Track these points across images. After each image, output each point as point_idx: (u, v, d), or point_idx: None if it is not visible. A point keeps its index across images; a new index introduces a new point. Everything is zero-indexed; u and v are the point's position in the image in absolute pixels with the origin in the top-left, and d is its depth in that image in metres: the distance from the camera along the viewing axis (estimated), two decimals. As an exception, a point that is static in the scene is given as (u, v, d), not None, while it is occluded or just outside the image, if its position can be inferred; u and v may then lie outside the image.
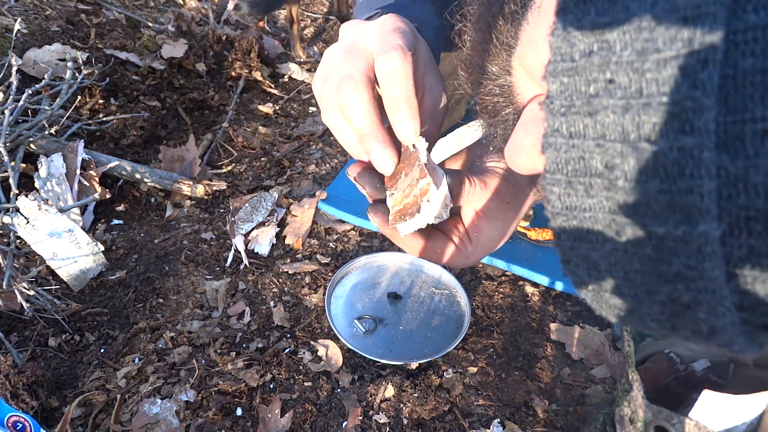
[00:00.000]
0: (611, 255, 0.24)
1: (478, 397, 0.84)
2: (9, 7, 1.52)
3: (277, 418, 0.80)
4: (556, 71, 0.24)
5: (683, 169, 0.20)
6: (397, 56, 0.41)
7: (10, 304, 0.95)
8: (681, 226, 0.21)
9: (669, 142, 0.20)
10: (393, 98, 0.42)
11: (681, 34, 0.20)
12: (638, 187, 0.21)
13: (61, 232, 0.96)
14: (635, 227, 0.22)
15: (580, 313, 1.00)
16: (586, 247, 0.25)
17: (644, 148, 0.21)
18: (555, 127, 0.24)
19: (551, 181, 0.25)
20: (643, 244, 0.22)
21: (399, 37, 0.42)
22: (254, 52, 1.70)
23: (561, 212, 0.25)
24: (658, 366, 0.68)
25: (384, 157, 0.43)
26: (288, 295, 1.01)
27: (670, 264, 0.22)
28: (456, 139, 1.31)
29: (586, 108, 0.23)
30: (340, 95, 0.42)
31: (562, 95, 0.23)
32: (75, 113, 1.31)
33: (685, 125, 0.20)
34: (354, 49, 0.43)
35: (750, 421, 0.55)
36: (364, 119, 0.42)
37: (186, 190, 1.23)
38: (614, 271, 0.24)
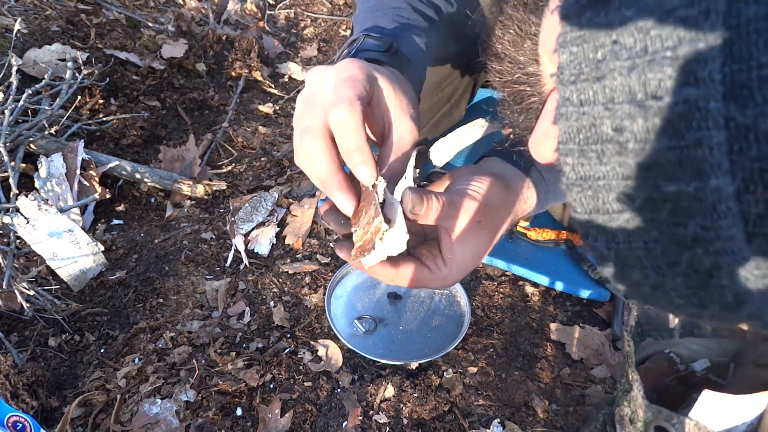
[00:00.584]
0: (628, 224, 0.23)
1: (478, 397, 0.84)
2: (9, 7, 1.52)
3: (277, 418, 0.80)
4: (565, 42, 0.24)
5: (690, 122, 0.19)
6: (344, 108, 0.43)
7: (10, 304, 0.95)
8: (693, 183, 0.20)
9: (675, 97, 0.20)
10: (345, 148, 0.45)
11: None
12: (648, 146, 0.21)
13: (61, 232, 0.96)
14: (649, 190, 0.22)
15: (580, 313, 1.00)
16: (603, 217, 0.24)
17: (651, 105, 0.20)
18: (566, 96, 0.24)
19: (564, 151, 0.24)
20: (658, 208, 0.22)
21: (349, 87, 0.45)
22: (254, 52, 1.70)
23: (576, 183, 0.25)
24: (658, 366, 0.68)
25: (341, 200, 0.47)
26: (288, 295, 1.01)
27: (686, 227, 0.21)
28: (456, 139, 1.31)
29: (594, 74, 0.22)
30: (302, 146, 0.46)
31: (571, 64, 0.23)
32: (75, 113, 1.31)
33: (689, 77, 0.19)
34: (312, 100, 0.47)
35: (750, 421, 0.55)
36: (322, 167, 0.46)
37: (186, 190, 1.23)
38: (633, 242, 0.24)
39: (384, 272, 0.50)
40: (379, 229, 0.42)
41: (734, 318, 0.23)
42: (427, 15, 0.71)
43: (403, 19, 0.66)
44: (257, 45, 1.73)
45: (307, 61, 1.90)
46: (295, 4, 2.21)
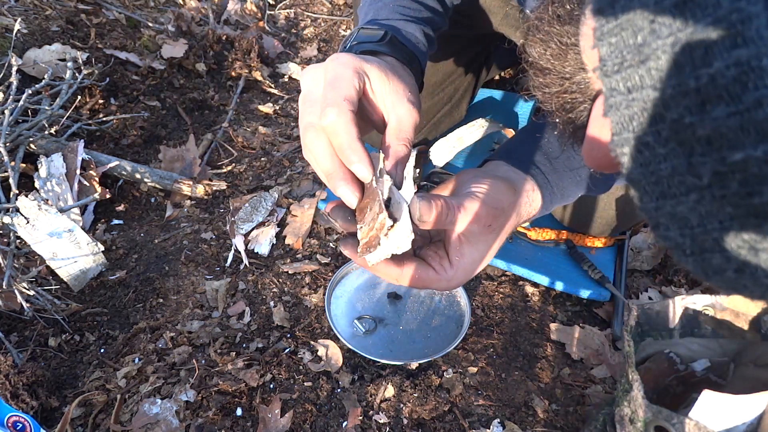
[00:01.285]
0: (699, 205, 0.22)
1: (478, 397, 0.84)
2: (9, 7, 1.52)
3: (277, 418, 0.80)
4: (602, 34, 0.24)
5: (746, 84, 0.19)
6: (331, 112, 0.45)
7: (10, 304, 0.95)
8: (760, 146, 0.19)
9: (724, 61, 0.19)
10: (338, 147, 0.47)
11: None
12: (706, 118, 0.20)
13: (61, 232, 0.96)
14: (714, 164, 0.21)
15: (580, 313, 1.00)
16: (672, 202, 0.23)
17: (702, 75, 0.20)
18: (612, 87, 0.23)
19: (619, 142, 0.24)
20: (728, 180, 0.21)
21: (335, 87, 0.47)
22: (254, 52, 1.70)
23: (636, 171, 0.24)
24: (658, 366, 0.68)
25: (346, 192, 0.48)
26: (288, 295, 1.01)
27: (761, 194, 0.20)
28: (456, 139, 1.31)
29: (637, 58, 0.22)
30: (305, 141, 0.48)
31: (612, 55, 0.23)
32: (75, 113, 1.31)
33: (736, 38, 0.19)
34: (309, 99, 0.49)
35: (750, 421, 0.55)
36: (325, 161, 0.48)
37: (186, 190, 1.23)
38: (708, 224, 0.22)
39: (388, 271, 0.50)
40: (384, 225, 0.42)
41: None
42: (429, 5, 0.70)
43: (402, 9, 0.66)
44: (257, 45, 1.73)
45: (307, 61, 1.89)
46: (295, 4, 2.21)
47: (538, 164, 0.61)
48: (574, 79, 0.36)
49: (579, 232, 1.07)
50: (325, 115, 0.46)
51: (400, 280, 0.51)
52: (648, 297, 1.02)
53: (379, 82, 0.50)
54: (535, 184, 0.60)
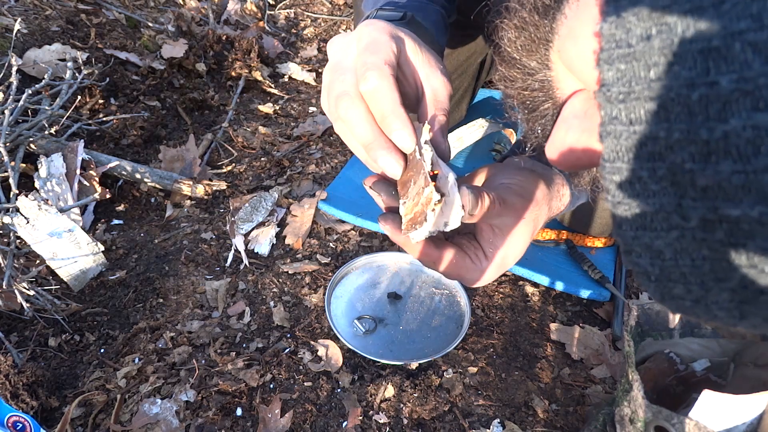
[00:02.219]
0: (677, 242, 0.23)
1: (478, 397, 0.84)
2: (9, 7, 1.52)
3: (277, 418, 0.80)
4: (611, 58, 0.23)
5: (758, 148, 0.19)
6: (372, 75, 0.42)
7: (10, 304, 0.95)
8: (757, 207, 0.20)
9: (742, 121, 0.19)
10: (379, 114, 0.43)
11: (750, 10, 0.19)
12: (709, 169, 0.20)
13: (61, 232, 0.96)
14: (705, 211, 0.21)
15: (580, 313, 1.00)
16: (650, 235, 0.24)
17: (715, 128, 0.20)
18: (613, 115, 0.23)
19: (611, 170, 0.24)
20: (714, 229, 0.21)
21: (373, 52, 0.44)
22: (254, 52, 1.70)
23: (623, 201, 0.24)
24: (658, 366, 0.68)
25: (390, 162, 0.44)
26: (288, 295, 1.01)
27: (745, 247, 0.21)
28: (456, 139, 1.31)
29: (647, 93, 0.22)
30: (339, 112, 0.44)
31: (619, 82, 0.23)
32: (75, 113, 1.31)
33: (759, 102, 0.19)
34: (340, 67, 0.46)
35: (750, 421, 0.55)
36: (364, 129, 0.44)
37: (186, 190, 1.23)
38: (680, 259, 0.23)
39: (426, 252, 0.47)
40: (431, 199, 0.39)
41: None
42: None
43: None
44: (257, 45, 1.73)
45: (307, 61, 1.90)
46: (295, 4, 2.21)
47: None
48: (536, 76, 0.35)
49: (579, 232, 1.07)
50: (365, 80, 0.42)
51: (437, 264, 0.48)
52: (648, 297, 1.02)
53: (413, 52, 0.47)
54: (564, 179, 0.59)
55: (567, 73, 0.33)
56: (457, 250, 0.49)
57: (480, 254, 0.49)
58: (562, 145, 0.34)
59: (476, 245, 0.50)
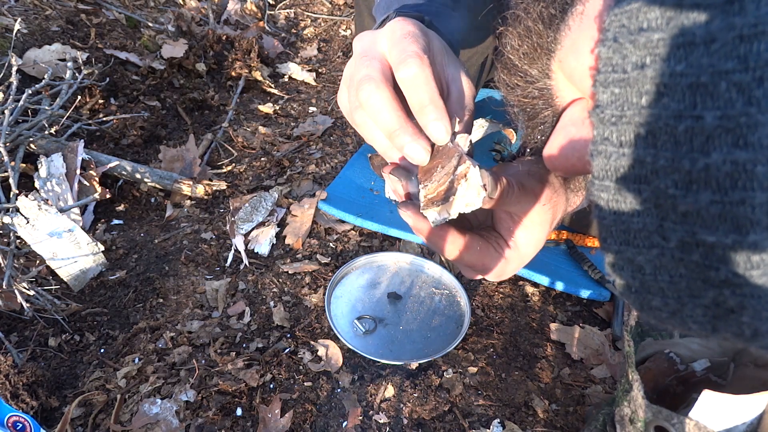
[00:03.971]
0: (657, 259, 0.24)
1: (478, 397, 0.84)
2: (9, 7, 1.52)
3: (277, 418, 0.80)
4: (606, 81, 0.24)
5: (736, 182, 0.20)
6: (414, 62, 0.41)
7: (10, 304, 0.95)
8: (731, 235, 0.21)
9: (722, 155, 0.20)
10: (418, 103, 0.42)
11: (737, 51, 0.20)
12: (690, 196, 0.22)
13: (61, 232, 0.96)
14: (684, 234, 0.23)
15: (580, 313, 1.00)
16: (633, 251, 0.25)
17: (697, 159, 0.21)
18: (605, 136, 0.24)
19: (600, 187, 0.25)
20: (691, 251, 0.23)
21: (412, 42, 0.42)
22: (254, 52, 1.70)
23: (609, 217, 0.25)
24: (658, 366, 0.68)
25: (418, 149, 0.42)
26: (288, 295, 1.01)
27: (717, 270, 0.22)
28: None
29: (637, 119, 0.23)
30: (361, 96, 0.43)
31: (612, 105, 0.24)
32: (75, 113, 1.31)
33: (739, 140, 0.20)
34: (368, 53, 0.44)
35: (750, 421, 0.55)
36: (389, 116, 0.42)
37: (186, 190, 1.23)
38: (659, 275, 0.25)
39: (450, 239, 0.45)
40: (466, 172, 0.38)
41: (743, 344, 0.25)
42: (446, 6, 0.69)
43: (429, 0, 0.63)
44: (257, 45, 1.73)
45: (307, 61, 1.90)
46: (295, 4, 2.21)
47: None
48: (537, 84, 0.35)
49: (579, 232, 1.07)
50: (406, 65, 0.41)
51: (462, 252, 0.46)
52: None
53: (439, 52, 0.47)
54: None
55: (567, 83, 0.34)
56: (481, 238, 0.48)
57: (501, 242, 0.48)
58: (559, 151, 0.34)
59: (496, 235, 0.49)
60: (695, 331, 0.26)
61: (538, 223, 0.48)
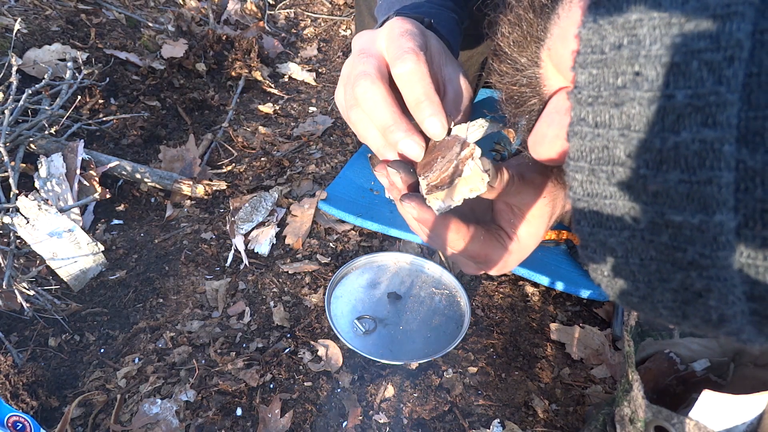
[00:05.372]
0: (628, 241, 0.24)
1: (478, 397, 0.84)
2: (9, 7, 1.52)
3: (277, 418, 0.80)
4: (585, 62, 0.24)
5: (704, 161, 0.20)
6: (410, 58, 0.42)
7: (10, 304, 0.95)
8: (698, 215, 0.21)
9: (691, 134, 0.21)
10: (414, 99, 0.42)
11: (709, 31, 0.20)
12: (659, 176, 0.22)
13: (61, 232, 0.96)
14: (653, 215, 0.23)
15: (580, 313, 1.00)
16: (605, 233, 0.25)
17: (667, 138, 0.21)
18: (581, 116, 0.24)
19: (575, 168, 0.25)
20: (660, 232, 0.23)
21: (409, 39, 0.43)
22: (254, 52, 1.70)
23: (582, 198, 0.26)
24: (658, 366, 0.68)
25: (412, 144, 0.43)
26: (288, 295, 1.01)
27: (685, 252, 0.22)
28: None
29: (612, 99, 0.23)
30: (357, 92, 0.43)
31: (590, 86, 0.24)
32: (75, 113, 1.31)
33: (708, 119, 0.20)
34: (365, 51, 0.45)
35: (750, 421, 0.55)
36: (384, 111, 0.43)
37: (186, 190, 1.23)
38: (630, 258, 0.25)
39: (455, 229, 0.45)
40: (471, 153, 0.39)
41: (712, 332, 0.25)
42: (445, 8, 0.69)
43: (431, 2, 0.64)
44: (257, 45, 1.73)
45: (307, 61, 1.90)
46: (295, 4, 2.21)
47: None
48: (525, 72, 0.36)
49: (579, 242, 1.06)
50: (403, 61, 0.42)
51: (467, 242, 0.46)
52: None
53: (437, 52, 0.47)
54: None
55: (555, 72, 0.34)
56: (483, 227, 0.47)
57: (503, 234, 0.48)
58: (543, 139, 0.35)
59: (497, 227, 0.49)
60: (666, 318, 0.26)
61: (538, 216, 0.48)
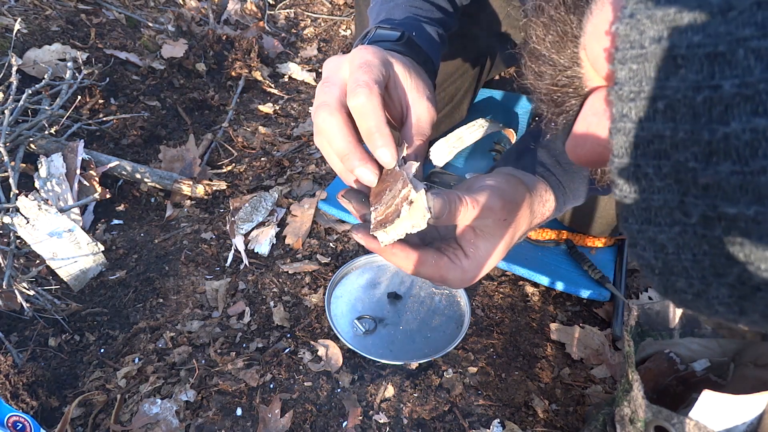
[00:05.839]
0: (679, 237, 0.24)
1: (478, 397, 0.84)
2: (9, 7, 1.52)
3: (277, 418, 0.80)
4: (624, 58, 0.24)
5: (756, 151, 0.20)
6: (362, 92, 0.44)
7: (10, 304, 0.95)
8: (753, 207, 0.21)
9: (742, 124, 0.20)
10: (366, 130, 0.45)
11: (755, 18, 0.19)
12: (710, 168, 0.21)
13: (61, 232, 0.96)
14: (705, 208, 0.22)
15: (580, 313, 1.00)
16: (655, 230, 0.25)
17: (716, 129, 0.21)
18: (623, 113, 0.24)
19: (619, 165, 0.25)
20: (713, 226, 0.22)
21: (365, 72, 0.45)
22: (254, 52, 1.71)
23: (629, 195, 0.25)
24: (658, 366, 0.68)
25: (366, 172, 0.46)
26: (288, 295, 1.01)
27: (741, 245, 0.22)
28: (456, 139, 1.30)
29: (655, 93, 0.23)
30: (317, 121, 0.46)
31: (631, 81, 0.24)
32: (75, 113, 1.31)
33: (758, 107, 0.20)
34: (328, 80, 0.48)
35: (750, 421, 0.55)
36: (341, 140, 0.46)
37: (186, 190, 1.23)
38: (682, 254, 0.24)
39: (404, 255, 0.48)
40: (407, 196, 0.41)
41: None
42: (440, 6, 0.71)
43: (415, 9, 0.66)
44: (257, 45, 1.73)
45: (307, 61, 1.90)
46: (295, 4, 2.21)
47: (549, 167, 0.61)
48: (567, 72, 0.35)
49: (579, 232, 1.07)
50: (355, 95, 0.44)
51: (416, 266, 0.49)
52: (648, 297, 1.02)
53: (402, 77, 0.49)
54: (548, 186, 0.60)
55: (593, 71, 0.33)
56: (435, 251, 0.50)
57: (460, 254, 0.51)
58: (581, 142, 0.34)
59: (455, 246, 0.51)
60: (722, 315, 0.25)
61: (499, 236, 0.51)
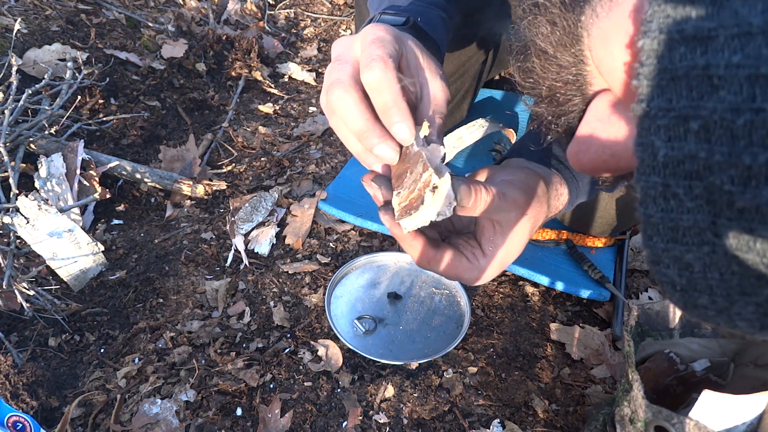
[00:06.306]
0: (708, 257, 0.23)
1: (478, 397, 0.84)
2: (9, 7, 1.52)
3: (277, 418, 0.80)
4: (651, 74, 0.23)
5: None
6: (377, 66, 0.42)
7: (10, 304, 0.95)
8: None
9: None
10: (382, 105, 0.43)
11: None
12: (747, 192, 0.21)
13: (61, 232, 0.96)
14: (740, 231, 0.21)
15: (580, 313, 1.00)
16: (681, 249, 0.24)
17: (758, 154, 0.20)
18: (651, 130, 0.23)
19: (646, 183, 0.24)
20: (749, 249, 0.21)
21: (379, 47, 0.44)
22: (254, 52, 1.70)
23: (656, 214, 0.24)
24: (658, 366, 0.68)
25: (386, 149, 0.44)
26: (288, 295, 1.01)
27: None
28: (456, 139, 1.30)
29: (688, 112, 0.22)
30: (330, 99, 0.44)
31: (659, 98, 0.23)
32: (75, 113, 1.31)
33: None
34: (340, 58, 0.46)
35: (750, 421, 0.55)
36: (357, 118, 0.44)
37: (186, 190, 1.23)
38: (709, 272, 0.24)
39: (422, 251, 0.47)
40: (429, 181, 0.39)
41: None
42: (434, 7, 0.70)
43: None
44: (257, 45, 1.73)
45: (307, 61, 1.90)
46: (295, 4, 2.21)
47: (562, 160, 0.60)
48: (571, 69, 0.35)
49: (579, 232, 1.07)
50: (370, 69, 0.42)
51: (432, 263, 0.48)
52: (648, 297, 1.02)
53: (414, 56, 0.48)
54: (563, 179, 0.59)
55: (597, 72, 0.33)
56: (453, 250, 0.49)
57: (478, 253, 0.50)
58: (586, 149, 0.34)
59: (474, 244, 0.50)
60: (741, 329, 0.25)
61: (519, 233, 0.50)
